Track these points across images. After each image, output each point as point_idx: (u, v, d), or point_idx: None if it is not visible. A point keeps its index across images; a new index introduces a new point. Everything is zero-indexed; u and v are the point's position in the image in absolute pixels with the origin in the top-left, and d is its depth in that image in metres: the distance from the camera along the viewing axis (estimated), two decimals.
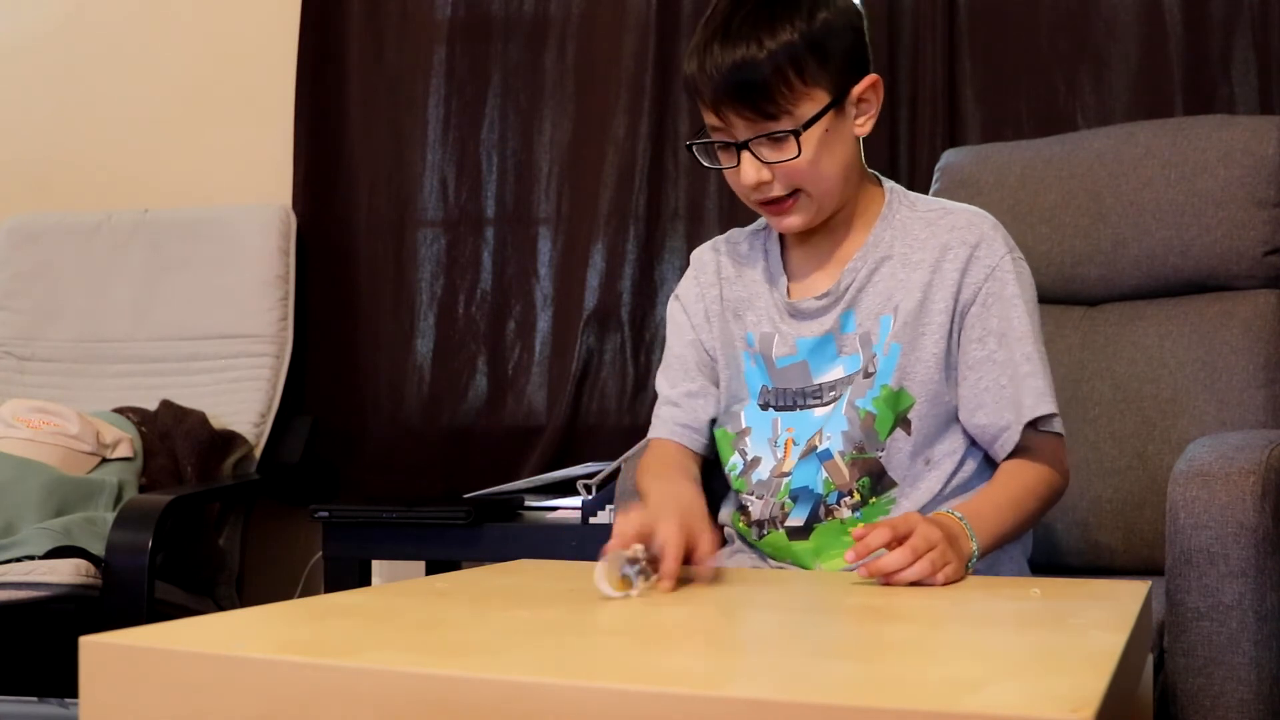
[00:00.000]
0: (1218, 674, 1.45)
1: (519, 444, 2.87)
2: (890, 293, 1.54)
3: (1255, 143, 2.00)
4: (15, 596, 2.12)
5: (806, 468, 1.54)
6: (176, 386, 2.84)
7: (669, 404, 1.65)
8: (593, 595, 1.21)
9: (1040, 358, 1.52)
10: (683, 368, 1.65)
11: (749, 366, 1.60)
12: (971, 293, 1.52)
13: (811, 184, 1.50)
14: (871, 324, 1.54)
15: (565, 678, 0.84)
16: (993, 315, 1.52)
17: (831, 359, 1.56)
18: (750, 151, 1.47)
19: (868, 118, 1.53)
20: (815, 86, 1.46)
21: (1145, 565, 1.89)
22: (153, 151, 3.19)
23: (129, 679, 0.95)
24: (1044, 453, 1.52)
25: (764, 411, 1.59)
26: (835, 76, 1.47)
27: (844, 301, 1.55)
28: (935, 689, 0.83)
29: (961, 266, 1.52)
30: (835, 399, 1.54)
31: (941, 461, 1.54)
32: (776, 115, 1.45)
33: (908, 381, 1.52)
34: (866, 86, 1.51)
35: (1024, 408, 1.50)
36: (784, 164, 1.47)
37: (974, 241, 1.53)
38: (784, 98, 1.44)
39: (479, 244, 2.96)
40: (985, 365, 1.52)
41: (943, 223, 1.56)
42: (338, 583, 2.38)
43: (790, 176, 1.48)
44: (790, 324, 1.58)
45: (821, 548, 1.53)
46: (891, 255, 1.55)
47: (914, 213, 1.58)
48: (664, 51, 2.81)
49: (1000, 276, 1.52)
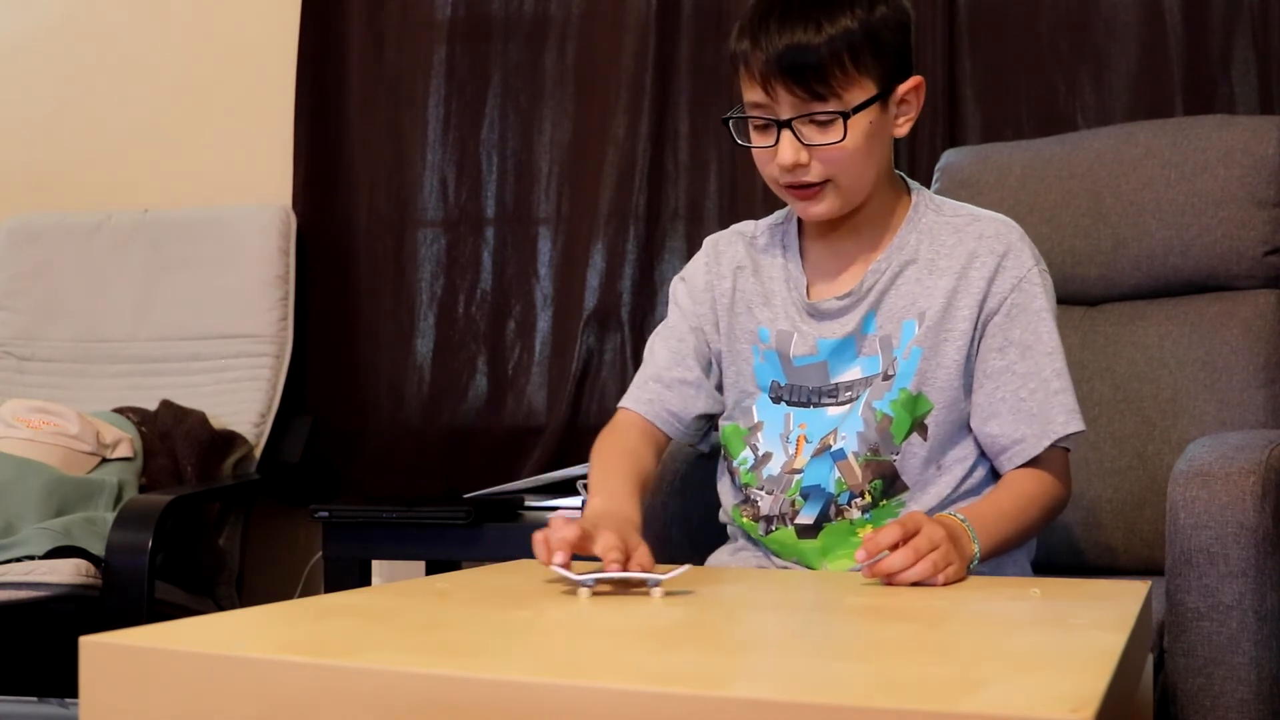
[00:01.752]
0: (1218, 674, 1.45)
1: (519, 444, 2.87)
2: (915, 297, 1.54)
3: (1255, 143, 2.00)
4: (15, 596, 2.12)
5: (819, 466, 1.53)
6: (176, 386, 2.84)
7: (660, 383, 1.62)
8: (593, 595, 1.21)
9: (1068, 374, 1.53)
10: (681, 351, 1.63)
11: (758, 362, 1.60)
12: (997, 302, 1.52)
13: (846, 173, 1.49)
14: (893, 327, 1.54)
15: (565, 678, 0.84)
16: (1016, 327, 1.52)
17: (850, 360, 1.55)
18: (792, 131, 1.47)
19: (907, 119, 1.53)
20: (866, 76, 1.46)
21: (1145, 565, 1.89)
22: (153, 151, 3.19)
23: (129, 679, 0.95)
24: (1052, 465, 1.52)
25: (776, 405, 1.58)
26: (885, 70, 1.48)
27: (867, 302, 1.55)
28: (935, 689, 0.83)
29: (989, 276, 1.52)
30: (851, 399, 1.54)
31: (952, 467, 1.53)
32: (826, 97, 1.45)
33: (927, 387, 1.52)
34: (911, 87, 1.51)
35: (1054, 424, 1.50)
36: (826, 147, 1.46)
37: (1002, 251, 1.53)
38: (837, 80, 1.44)
39: (479, 244, 2.96)
40: (1004, 375, 1.51)
41: (970, 230, 1.55)
42: (338, 583, 2.38)
43: (828, 162, 1.48)
44: (810, 323, 1.57)
45: (829, 547, 1.53)
46: (917, 259, 1.55)
47: (941, 217, 1.57)
48: (664, 51, 2.81)
49: (1027, 289, 1.52)
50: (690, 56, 2.82)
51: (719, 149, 2.80)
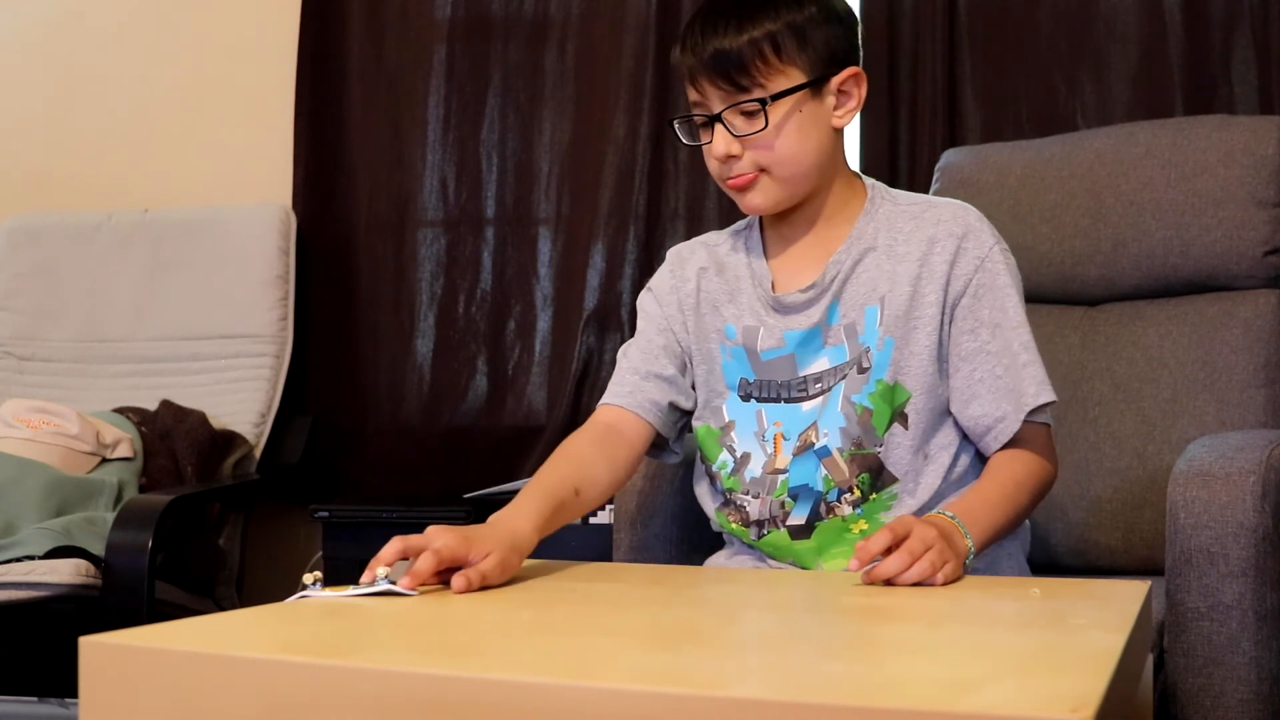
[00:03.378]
0: (1218, 674, 1.45)
1: (519, 444, 2.87)
2: (875, 283, 1.55)
3: (1255, 143, 2.00)
4: (15, 596, 2.12)
5: (804, 465, 1.54)
6: (176, 386, 2.84)
7: (637, 375, 1.62)
8: (593, 595, 1.21)
9: (1035, 347, 1.53)
10: (652, 351, 1.64)
11: (726, 360, 1.61)
12: (961, 284, 1.53)
13: (778, 163, 1.52)
14: (856, 315, 1.55)
15: (565, 678, 0.84)
16: (984, 306, 1.52)
17: (817, 351, 1.56)
18: (723, 123, 1.50)
19: (847, 110, 1.55)
20: (791, 66, 1.50)
21: (1145, 565, 1.89)
22: (153, 151, 3.19)
23: (129, 679, 0.95)
24: (1034, 443, 1.53)
25: (746, 403, 1.59)
26: (813, 61, 1.51)
27: (830, 293, 1.56)
28: (935, 689, 0.83)
29: (950, 259, 1.53)
30: (821, 391, 1.55)
31: (938, 455, 1.54)
32: (749, 88, 1.49)
33: (903, 376, 1.53)
34: (847, 77, 1.53)
35: (1026, 396, 1.50)
36: (753, 136, 1.50)
37: (960, 233, 1.54)
38: (759, 71, 1.49)
39: (479, 244, 2.96)
40: (979, 356, 1.52)
41: (927, 216, 1.56)
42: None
43: (758, 152, 1.51)
44: (776, 317, 1.58)
45: (823, 546, 1.53)
46: (875, 247, 1.56)
47: (897, 207, 1.59)
48: (664, 51, 2.81)
49: (990, 267, 1.53)
50: None
51: None
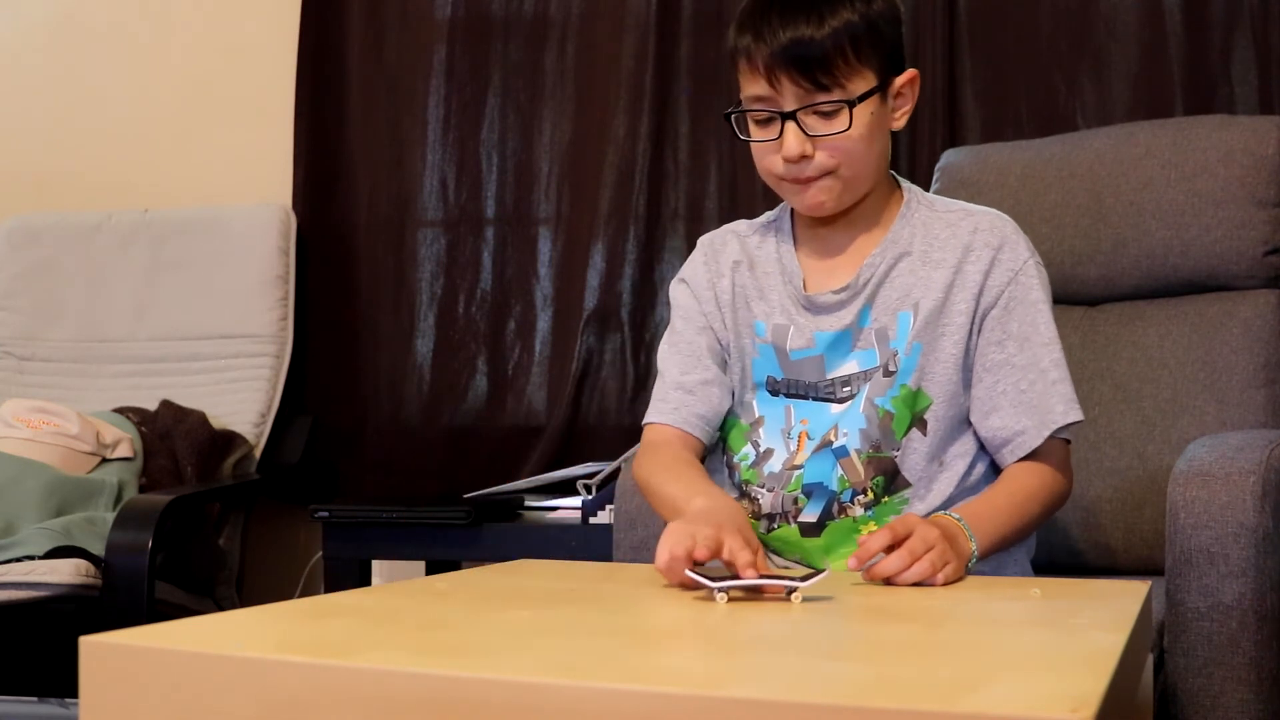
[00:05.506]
0: (1218, 674, 1.45)
1: (519, 444, 2.87)
2: (909, 289, 1.54)
3: (1255, 143, 2.00)
4: (15, 596, 2.12)
5: (821, 463, 1.53)
6: (176, 386, 2.84)
7: (682, 390, 1.60)
8: (593, 595, 1.21)
9: (1066, 365, 1.53)
10: (694, 353, 1.61)
11: (755, 357, 1.60)
12: (994, 295, 1.52)
13: (849, 164, 1.49)
14: (889, 319, 1.54)
15: (565, 678, 0.84)
16: (1014, 319, 1.52)
17: (846, 354, 1.55)
18: (797, 123, 1.47)
19: (904, 112, 1.54)
20: (866, 67, 1.48)
21: (1145, 565, 1.89)
22: (153, 151, 3.19)
23: (129, 679, 0.95)
24: (1052, 457, 1.52)
25: (775, 398, 1.58)
26: (883, 62, 1.49)
27: (863, 296, 1.55)
28: (935, 689, 0.83)
29: (985, 269, 1.53)
30: (850, 395, 1.54)
31: (954, 463, 1.53)
32: (830, 87, 1.46)
33: (926, 382, 1.52)
34: (906, 80, 1.53)
35: (1054, 413, 1.50)
36: (831, 138, 1.47)
37: (997, 244, 1.53)
38: (840, 71, 1.45)
39: (479, 244, 2.96)
40: (1003, 369, 1.52)
41: (964, 224, 1.56)
42: (338, 583, 2.38)
43: (833, 153, 1.48)
44: (806, 316, 1.57)
45: (832, 545, 1.53)
46: (911, 252, 1.55)
47: (933, 212, 1.58)
48: (664, 51, 2.81)
49: (1024, 281, 1.53)
50: (690, 56, 2.82)
51: (719, 149, 2.80)
